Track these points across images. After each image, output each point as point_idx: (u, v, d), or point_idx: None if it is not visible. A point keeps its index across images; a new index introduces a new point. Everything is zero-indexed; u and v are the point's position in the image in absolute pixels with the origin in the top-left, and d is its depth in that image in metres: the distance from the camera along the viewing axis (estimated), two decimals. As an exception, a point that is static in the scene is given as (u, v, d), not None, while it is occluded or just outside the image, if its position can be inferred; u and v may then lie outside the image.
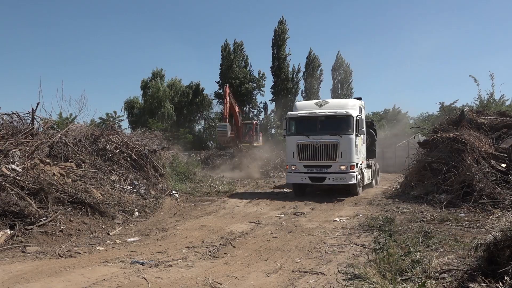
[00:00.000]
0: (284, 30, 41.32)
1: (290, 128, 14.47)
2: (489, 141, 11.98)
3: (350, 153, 13.39)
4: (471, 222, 8.36)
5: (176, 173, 16.24)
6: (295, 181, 14.28)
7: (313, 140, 13.59)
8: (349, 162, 13.39)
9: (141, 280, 5.19)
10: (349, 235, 7.74)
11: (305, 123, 14.28)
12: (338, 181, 13.58)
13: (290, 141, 14.24)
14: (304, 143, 13.72)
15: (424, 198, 11.54)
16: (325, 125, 13.83)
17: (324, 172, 13.57)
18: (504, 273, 3.68)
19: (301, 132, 14.06)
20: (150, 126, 24.68)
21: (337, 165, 13.41)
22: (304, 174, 13.83)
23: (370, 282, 4.58)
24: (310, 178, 13.79)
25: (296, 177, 14.04)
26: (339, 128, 13.59)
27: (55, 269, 5.66)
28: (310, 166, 13.78)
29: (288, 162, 14.49)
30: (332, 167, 13.48)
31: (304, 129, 14.11)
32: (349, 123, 13.57)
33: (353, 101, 15.14)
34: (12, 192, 7.78)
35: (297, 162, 13.90)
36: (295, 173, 13.98)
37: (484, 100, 21.03)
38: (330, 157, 13.43)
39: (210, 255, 6.54)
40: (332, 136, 13.45)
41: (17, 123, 11.48)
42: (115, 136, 12.87)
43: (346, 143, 13.39)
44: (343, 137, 13.41)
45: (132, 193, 11.07)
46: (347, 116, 13.63)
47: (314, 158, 13.63)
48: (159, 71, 42.81)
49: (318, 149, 13.53)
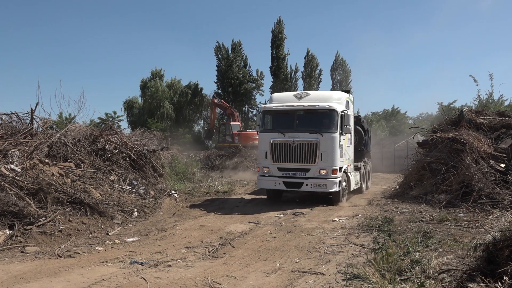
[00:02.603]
0: (282, 30, 41.33)
1: (263, 124, 12.62)
2: (488, 141, 12.00)
3: (333, 155, 11.54)
4: (470, 222, 8.37)
5: (175, 173, 16.23)
6: (267, 186, 12.52)
7: (289, 138, 11.76)
8: (331, 165, 11.55)
9: (140, 280, 5.18)
10: (348, 235, 7.74)
11: (281, 118, 12.48)
12: (317, 188, 11.65)
13: (263, 139, 12.42)
14: (279, 142, 11.90)
15: (423, 198, 11.55)
16: (304, 120, 12.04)
17: (301, 176, 11.76)
18: (503, 273, 3.69)
19: (276, 129, 12.22)
20: (149, 126, 24.72)
21: (317, 168, 11.56)
22: (278, 178, 12.02)
23: (369, 282, 4.58)
24: (284, 183, 11.94)
25: (268, 181, 12.27)
26: (320, 124, 11.74)
27: (54, 269, 5.65)
28: (285, 169, 11.98)
29: (259, 164, 12.71)
30: (311, 171, 11.64)
31: (279, 125, 12.28)
32: (332, 119, 11.70)
33: (338, 93, 13.14)
34: (11, 192, 7.77)
35: (270, 164, 12.15)
36: (268, 177, 12.24)
37: (483, 101, 21.07)
38: (309, 159, 11.61)
39: (210, 255, 6.54)
40: (312, 135, 11.60)
41: (16, 123, 11.48)
42: (114, 136, 12.85)
43: (328, 143, 11.53)
44: (324, 135, 11.54)
45: (131, 193, 11.06)
46: (331, 111, 11.73)
47: (290, 160, 11.83)
48: (158, 71, 42.79)
49: (295, 149, 11.70)
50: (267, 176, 12.30)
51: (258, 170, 12.80)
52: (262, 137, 12.51)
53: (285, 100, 12.83)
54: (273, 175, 12.14)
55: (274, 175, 12.12)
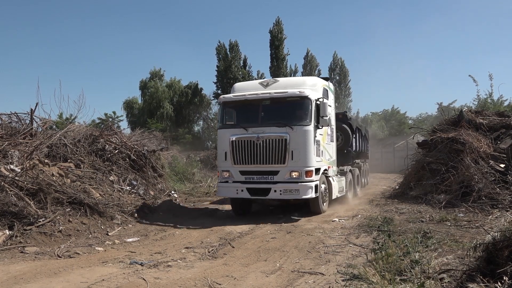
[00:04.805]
0: (281, 31, 41.32)
1: (223, 119, 10.52)
2: (488, 141, 12.00)
3: (306, 153, 9.40)
4: (470, 222, 8.36)
5: (175, 173, 16.25)
6: (227, 194, 10.29)
7: (253, 134, 9.56)
8: (304, 166, 9.40)
9: (140, 280, 5.18)
10: (348, 236, 7.74)
11: (243, 110, 10.34)
12: (288, 195, 9.45)
13: (222, 137, 10.21)
14: (240, 139, 9.69)
15: (423, 198, 11.54)
16: (271, 112, 9.93)
17: (269, 181, 9.53)
18: (503, 273, 3.69)
19: (237, 123, 10.18)
20: (149, 126, 24.71)
21: (287, 170, 9.41)
22: (240, 184, 9.74)
23: (369, 282, 4.58)
24: (248, 190, 9.66)
25: (229, 188, 9.97)
26: (291, 116, 9.62)
27: (54, 270, 5.65)
28: (248, 172, 9.74)
29: (219, 167, 10.38)
30: (280, 174, 9.47)
31: (242, 119, 10.22)
32: (305, 108, 9.59)
33: (313, 79, 11.07)
34: (11, 192, 7.77)
35: (230, 167, 9.85)
36: (229, 183, 9.98)
37: (483, 101, 21.08)
38: (277, 159, 9.44)
39: (209, 255, 6.54)
40: (280, 128, 9.45)
41: (16, 124, 11.51)
42: (114, 136, 12.87)
43: (300, 139, 9.40)
44: (295, 129, 9.40)
45: (131, 193, 11.07)
46: (302, 99, 9.58)
47: (255, 161, 9.58)
48: (158, 71, 42.78)
49: (260, 147, 9.50)
50: (230, 181, 9.99)
51: (218, 175, 10.58)
52: (221, 134, 10.32)
53: (249, 89, 10.70)
54: (234, 180, 9.88)
55: (236, 181, 9.86)
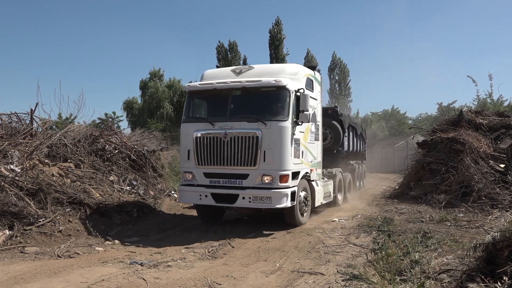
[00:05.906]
0: (280, 31, 41.33)
1: (188, 111, 9.15)
2: (488, 142, 12.01)
3: (281, 153, 7.96)
4: (469, 222, 8.37)
5: (175, 173, 16.22)
6: (189, 199, 9.01)
7: (220, 130, 8.19)
8: (279, 169, 7.94)
9: (140, 280, 5.18)
10: (348, 236, 7.74)
11: (211, 102, 9.14)
12: (258, 203, 7.97)
13: (185, 132, 8.79)
14: (205, 136, 8.32)
15: (423, 198, 11.55)
16: (242, 104, 8.55)
17: (236, 186, 8.15)
18: (503, 273, 3.69)
19: (203, 117, 8.97)
20: (149, 126, 24.66)
21: (258, 174, 7.99)
22: (204, 188, 8.40)
23: (369, 282, 4.58)
24: (213, 196, 8.30)
25: (191, 193, 8.61)
26: (264, 109, 8.25)
27: (54, 270, 5.65)
28: (214, 175, 8.37)
29: (181, 167, 8.93)
30: (250, 178, 8.05)
31: (209, 112, 9.07)
32: (281, 101, 8.19)
33: (294, 66, 9.28)
34: (11, 192, 7.77)
35: (194, 168, 8.49)
36: (192, 186, 8.61)
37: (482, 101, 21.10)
38: (246, 161, 8.03)
39: (209, 255, 6.55)
40: (251, 124, 8.06)
41: (16, 124, 11.49)
42: (114, 136, 12.85)
43: (275, 136, 7.97)
44: (269, 125, 7.98)
45: (131, 193, 11.06)
46: (279, 89, 8.13)
47: (221, 162, 8.21)
48: (157, 71, 42.76)
49: (228, 145, 8.13)
50: (193, 185, 8.60)
51: (180, 177, 9.12)
52: (184, 129, 8.88)
53: (220, 76, 9.14)
54: (198, 183, 8.53)
55: (200, 184, 8.50)
